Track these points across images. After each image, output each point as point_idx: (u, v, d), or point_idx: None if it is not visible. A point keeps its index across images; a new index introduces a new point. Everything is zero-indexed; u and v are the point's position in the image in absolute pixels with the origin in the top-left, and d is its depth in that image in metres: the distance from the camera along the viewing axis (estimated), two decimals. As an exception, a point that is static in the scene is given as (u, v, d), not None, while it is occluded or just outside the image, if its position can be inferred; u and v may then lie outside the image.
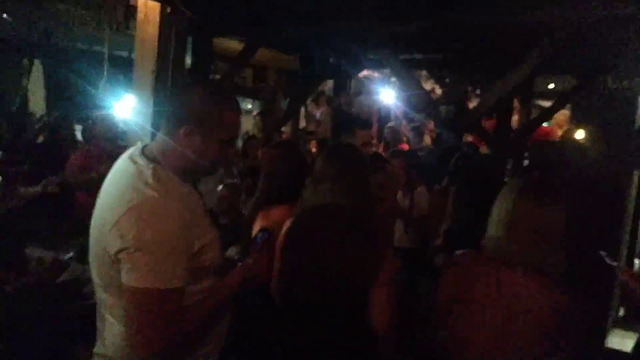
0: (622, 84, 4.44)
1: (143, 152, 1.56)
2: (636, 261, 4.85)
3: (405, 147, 6.70)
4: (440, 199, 3.84)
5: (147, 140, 1.94)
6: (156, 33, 2.51)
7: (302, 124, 9.15)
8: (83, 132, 6.01)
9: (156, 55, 2.53)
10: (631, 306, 2.50)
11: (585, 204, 4.42)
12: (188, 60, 6.49)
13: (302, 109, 9.06)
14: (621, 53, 4.90)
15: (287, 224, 2.00)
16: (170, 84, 2.51)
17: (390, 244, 2.08)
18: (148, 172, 1.48)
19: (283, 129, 7.92)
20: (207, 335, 1.57)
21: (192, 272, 1.47)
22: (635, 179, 4.22)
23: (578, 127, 6.57)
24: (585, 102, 6.66)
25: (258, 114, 8.62)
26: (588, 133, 6.28)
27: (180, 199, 1.49)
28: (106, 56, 2.39)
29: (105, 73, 2.47)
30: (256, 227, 2.54)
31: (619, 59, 4.94)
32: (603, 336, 4.51)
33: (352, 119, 3.92)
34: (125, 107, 3.92)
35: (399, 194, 4.05)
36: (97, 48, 5.73)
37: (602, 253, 2.18)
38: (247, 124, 8.30)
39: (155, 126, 2.23)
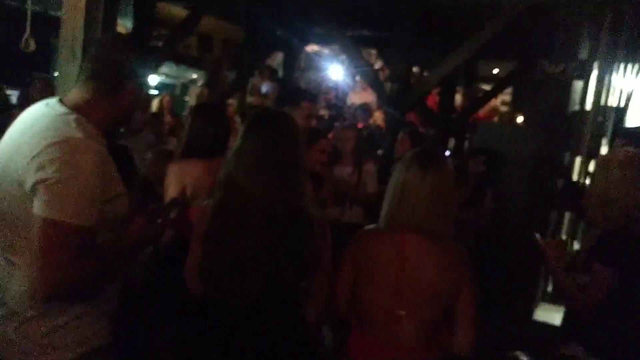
0: (557, 69, 4.60)
1: (61, 102, 1.55)
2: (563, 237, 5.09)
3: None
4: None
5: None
6: None
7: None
8: (19, 97, 5.70)
9: (84, 14, 2.37)
10: (551, 279, 2.60)
11: (518, 184, 4.61)
12: (128, 24, 6.26)
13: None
14: (556, 38, 5.08)
15: (208, 210, 1.75)
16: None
17: (328, 228, 1.79)
18: (71, 117, 1.48)
19: (230, 101, 7.78)
20: (99, 291, 1.54)
21: (99, 222, 1.45)
22: (578, 161, 4.39)
23: (517, 110, 6.80)
24: (524, 86, 6.90)
25: (203, 84, 8.41)
26: (525, 116, 6.53)
27: (101, 146, 1.51)
28: (29, 13, 2.21)
29: (28, 27, 2.29)
30: (170, 183, 2.51)
31: (554, 43, 5.11)
32: (531, 309, 4.75)
33: (298, 91, 3.83)
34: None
35: (347, 170, 4.02)
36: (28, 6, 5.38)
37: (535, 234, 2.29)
38: (192, 95, 8.10)
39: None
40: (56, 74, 4.17)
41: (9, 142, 1.51)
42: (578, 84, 4.84)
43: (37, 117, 1.50)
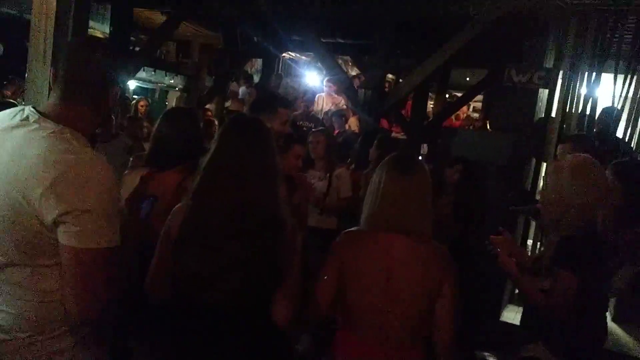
0: (524, 77, 4.77)
1: (40, 114, 1.46)
2: (529, 242, 5.24)
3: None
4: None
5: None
6: None
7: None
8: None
9: (54, 19, 2.38)
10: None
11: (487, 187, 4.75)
12: (105, 29, 6.30)
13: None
14: (525, 48, 5.27)
15: (178, 215, 1.72)
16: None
17: (301, 234, 1.81)
18: (66, 135, 1.40)
19: (208, 106, 7.83)
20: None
21: None
22: (545, 167, 4.54)
23: (487, 117, 6.99)
24: (493, 94, 7.10)
25: (181, 89, 8.44)
26: (494, 123, 6.70)
27: (102, 157, 1.47)
28: None
29: None
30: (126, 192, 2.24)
31: (522, 52, 5.30)
32: (498, 311, 4.88)
33: (275, 97, 3.85)
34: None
35: (319, 174, 4.07)
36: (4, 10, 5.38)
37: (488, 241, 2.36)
38: (171, 99, 8.13)
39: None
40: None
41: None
42: (544, 92, 5.02)
43: (25, 136, 1.40)
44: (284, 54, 8.10)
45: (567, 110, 4.79)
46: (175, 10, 5.95)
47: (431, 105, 8.42)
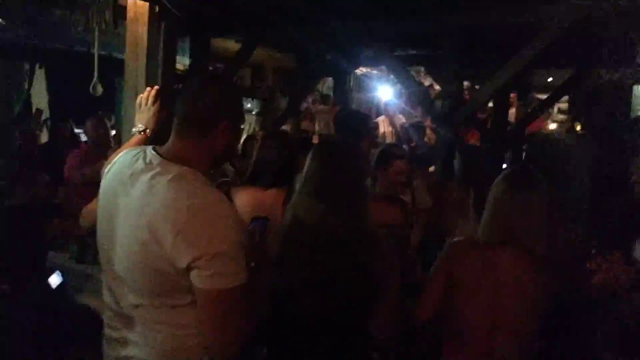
0: (614, 76, 4.46)
1: (161, 155, 1.51)
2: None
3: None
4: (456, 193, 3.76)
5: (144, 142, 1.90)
6: (145, 32, 2.53)
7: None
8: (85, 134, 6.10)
9: (145, 53, 2.54)
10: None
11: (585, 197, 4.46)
12: (186, 61, 6.59)
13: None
14: (612, 45, 4.93)
15: (278, 235, 1.82)
16: (159, 83, 2.54)
17: (393, 249, 1.91)
18: (190, 176, 1.45)
19: (284, 127, 7.98)
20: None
21: None
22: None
23: (575, 120, 6.60)
24: (581, 95, 6.69)
25: (257, 113, 8.68)
26: (584, 126, 6.30)
27: (223, 194, 1.53)
28: (96, 55, 2.41)
29: (95, 73, 2.50)
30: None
31: (611, 51, 4.96)
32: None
33: (366, 117, 3.83)
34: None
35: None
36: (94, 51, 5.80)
37: None
38: (247, 123, 8.36)
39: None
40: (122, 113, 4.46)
41: (126, 206, 1.47)
42: (639, 89, 4.68)
43: (150, 181, 1.44)
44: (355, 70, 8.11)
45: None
46: (249, 37, 6.14)
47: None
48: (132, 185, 1.47)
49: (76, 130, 7.52)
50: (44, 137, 6.95)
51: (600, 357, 2.32)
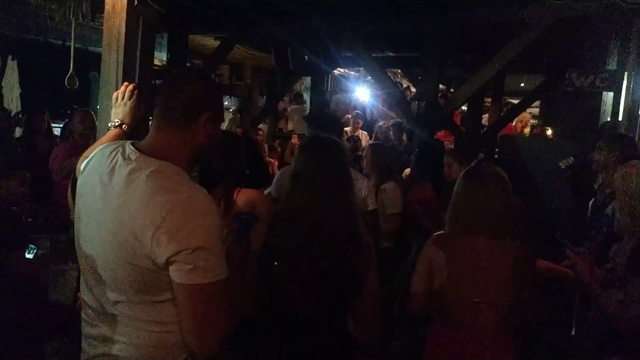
0: (587, 81, 4.59)
1: (139, 150, 1.48)
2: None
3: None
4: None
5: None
6: (123, 25, 2.47)
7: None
8: (62, 129, 5.95)
9: (123, 48, 2.49)
10: (581, 289, 2.61)
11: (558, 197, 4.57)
12: (163, 57, 6.54)
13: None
14: (586, 51, 5.08)
15: (260, 233, 1.80)
16: (137, 78, 2.49)
17: (373, 249, 1.91)
18: (169, 171, 1.43)
19: (260, 126, 7.98)
20: None
21: None
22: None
23: (546, 123, 6.76)
24: (552, 99, 6.87)
25: (235, 111, 8.65)
26: (555, 129, 6.47)
27: (202, 188, 1.49)
28: (72, 48, 2.35)
29: (71, 65, 2.42)
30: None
31: (584, 56, 5.11)
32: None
33: (338, 120, 3.86)
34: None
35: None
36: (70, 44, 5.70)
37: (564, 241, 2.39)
38: (226, 121, 8.32)
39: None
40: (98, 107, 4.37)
41: (104, 202, 1.45)
42: (608, 96, 4.81)
43: (129, 176, 1.43)
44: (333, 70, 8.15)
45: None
46: (228, 34, 6.13)
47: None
48: (110, 181, 1.45)
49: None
50: (17, 132, 6.77)
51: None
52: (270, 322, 1.80)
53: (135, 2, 2.50)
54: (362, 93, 9.31)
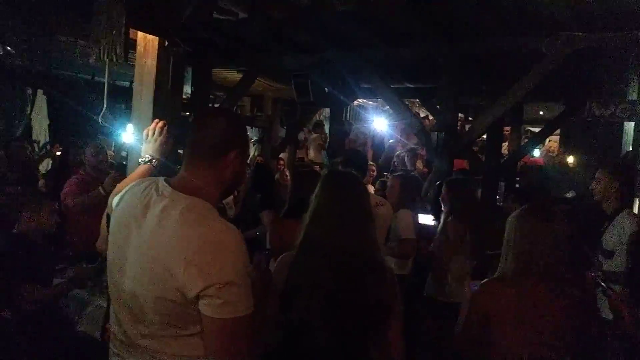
0: (607, 111, 4.59)
1: (172, 186, 1.53)
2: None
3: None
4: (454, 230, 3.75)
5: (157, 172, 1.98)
6: (154, 65, 2.58)
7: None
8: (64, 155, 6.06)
9: (154, 85, 2.59)
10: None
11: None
12: (188, 90, 6.71)
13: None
14: (605, 80, 5.08)
15: (284, 266, 1.84)
16: (169, 112, 2.59)
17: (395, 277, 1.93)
18: (199, 207, 1.48)
19: (281, 155, 8.08)
20: None
21: None
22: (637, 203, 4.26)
23: (567, 152, 6.72)
24: (573, 129, 6.84)
25: (256, 141, 8.79)
26: (576, 159, 6.43)
27: (231, 223, 1.53)
28: (106, 86, 2.45)
29: (105, 102, 2.53)
30: (274, 239, 2.65)
31: (603, 86, 5.11)
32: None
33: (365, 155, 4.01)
34: (128, 136, 3.97)
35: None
36: (99, 78, 5.91)
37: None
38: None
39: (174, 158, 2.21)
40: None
41: (139, 237, 1.50)
42: (629, 126, 4.80)
43: (162, 212, 1.47)
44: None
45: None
46: (250, 68, 6.28)
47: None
48: (144, 217, 1.50)
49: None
50: (46, 164, 6.97)
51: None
52: (292, 356, 1.80)
53: (166, 43, 2.60)
54: (380, 123, 9.40)
